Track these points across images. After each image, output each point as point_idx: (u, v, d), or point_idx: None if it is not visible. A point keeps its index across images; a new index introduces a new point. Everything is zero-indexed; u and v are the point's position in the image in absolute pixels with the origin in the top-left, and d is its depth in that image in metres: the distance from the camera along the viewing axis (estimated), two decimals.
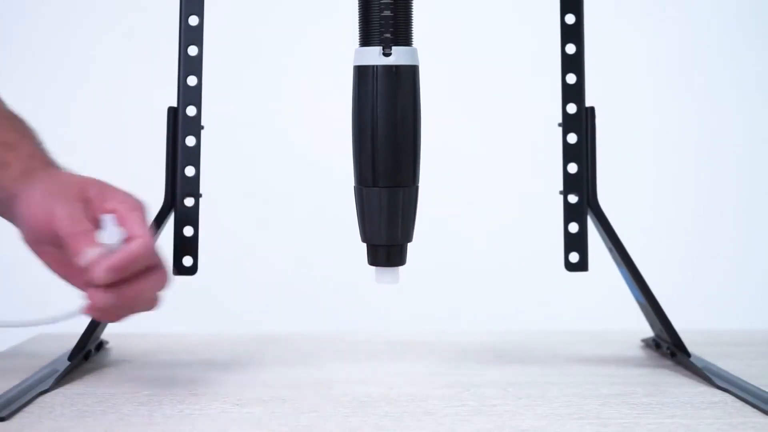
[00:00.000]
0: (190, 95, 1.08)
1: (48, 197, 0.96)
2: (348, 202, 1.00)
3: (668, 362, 1.09)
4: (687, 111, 1.98)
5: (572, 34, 1.08)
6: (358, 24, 0.97)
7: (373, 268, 1.01)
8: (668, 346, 1.09)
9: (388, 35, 0.95)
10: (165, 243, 1.07)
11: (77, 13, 1.95)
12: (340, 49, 1.09)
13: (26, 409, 0.91)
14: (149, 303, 0.94)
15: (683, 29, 1.98)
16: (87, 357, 1.08)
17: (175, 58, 1.08)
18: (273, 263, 1.91)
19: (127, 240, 0.93)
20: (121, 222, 0.95)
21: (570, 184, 1.08)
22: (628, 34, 1.96)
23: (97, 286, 0.91)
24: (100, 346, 1.13)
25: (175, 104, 1.08)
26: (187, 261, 1.07)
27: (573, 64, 1.08)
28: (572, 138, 1.08)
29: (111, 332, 1.13)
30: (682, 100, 1.98)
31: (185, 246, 1.07)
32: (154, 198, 1.06)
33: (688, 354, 1.06)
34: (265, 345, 1.19)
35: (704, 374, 1.01)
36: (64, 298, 0.95)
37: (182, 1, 1.08)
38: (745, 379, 1.00)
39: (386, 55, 0.95)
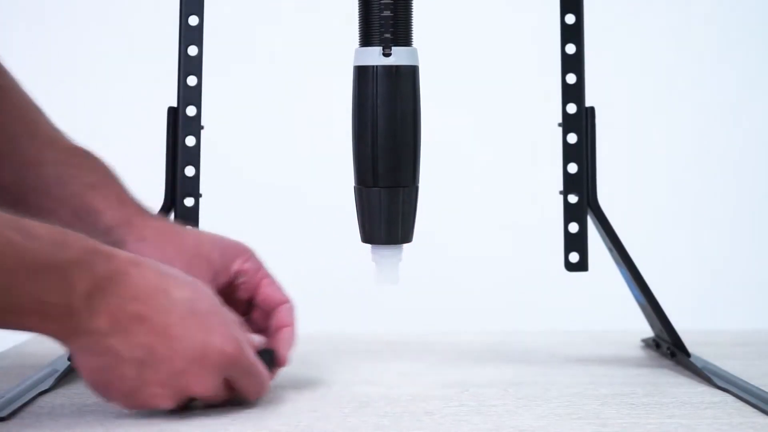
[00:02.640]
0: (190, 95, 1.08)
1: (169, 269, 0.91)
2: (348, 202, 1.00)
3: (668, 362, 1.09)
4: (687, 111, 1.98)
5: (572, 34, 1.08)
6: (358, 24, 0.97)
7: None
8: (668, 346, 1.09)
9: (388, 35, 0.95)
10: None
11: (77, 13, 1.95)
12: (340, 49, 1.09)
13: (26, 409, 0.91)
14: None
15: (683, 29, 1.98)
16: None
17: (175, 58, 1.08)
18: (273, 263, 1.90)
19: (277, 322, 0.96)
20: (253, 287, 0.96)
21: (570, 184, 1.08)
22: (629, 34, 1.96)
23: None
24: None
25: (175, 104, 1.08)
26: None
27: (573, 64, 1.08)
28: (572, 138, 1.08)
29: None
30: (682, 100, 1.98)
31: None
32: (154, 198, 1.06)
33: (687, 354, 1.06)
34: None
35: (704, 374, 1.01)
36: None
37: (182, 1, 1.08)
38: (745, 379, 1.00)
39: (386, 55, 0.95)
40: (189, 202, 1.08)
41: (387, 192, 0.96)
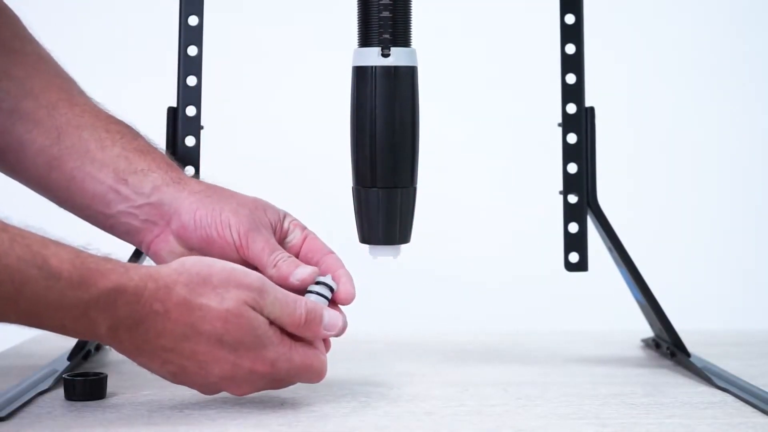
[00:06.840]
0: (189, 95, 1.08)
1: (230, 215, 0.93)
2: (346, 203, 1.00)
3: (668, 362, 1.09)
4: (687, 110, 1.98)
5: (572, 34, 1.08)
6: (357, 24, 0.97)
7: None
8: (668, 346, 1.09)
9: (387, 36, 0.95)
10: None
11: (76, 13, 1.95)
12: (340, 49, 1.09)
13: (26, 409, 0.91)
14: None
15: (683, 28, 1.98)
16: (87, 357, 1.08)
17: (175, 58, 1.08)
18: None
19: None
20: (298, 244, 0.96)
21: (570, 184, 1.08)
22: (628, 34, 1.96)
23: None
24: (100, 346, 1.13)
25: (174, 104, 1.08)
26: None
27: (573, 64, 1.08)
28: (572, 138, 1.08)
29: None
30: (682, 100, 1.98)
31: None
32: None
33: (687, 354, 1.06)
34: None
35: (704, 374, 1.01)
36: None
37: (182, 1, 1.08)
38: (745, 379, 1.00)
39: (385, 55, 0.95)
40: None
41: (385, 193, 0.96)
